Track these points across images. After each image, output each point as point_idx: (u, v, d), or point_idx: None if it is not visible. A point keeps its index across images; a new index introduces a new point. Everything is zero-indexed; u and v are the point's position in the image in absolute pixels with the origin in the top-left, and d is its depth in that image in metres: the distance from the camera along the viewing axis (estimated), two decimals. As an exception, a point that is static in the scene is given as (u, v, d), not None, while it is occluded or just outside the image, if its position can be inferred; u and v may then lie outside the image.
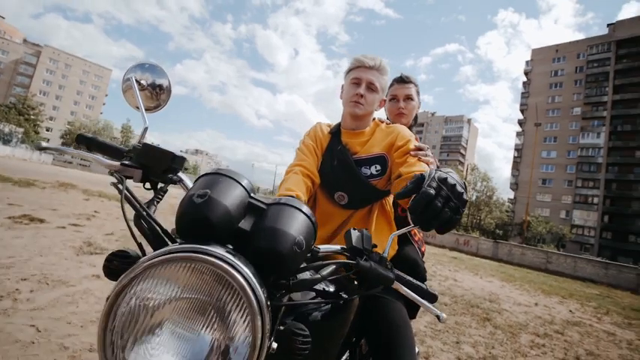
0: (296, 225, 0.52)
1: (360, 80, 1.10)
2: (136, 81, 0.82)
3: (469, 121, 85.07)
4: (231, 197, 0.52)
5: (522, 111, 56.20)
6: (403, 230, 0.65)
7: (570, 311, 5.95)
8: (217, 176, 0.55)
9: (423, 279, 1.26)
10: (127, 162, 0.69)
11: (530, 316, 4.94)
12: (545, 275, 12.26)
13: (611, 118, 46.20)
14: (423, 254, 1.44)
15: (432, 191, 0.58)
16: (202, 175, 0.57)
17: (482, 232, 35.04)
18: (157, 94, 0.86)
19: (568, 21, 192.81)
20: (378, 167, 1.10)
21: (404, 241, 1.35)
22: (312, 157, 1.16)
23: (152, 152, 0.69)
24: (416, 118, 1.68)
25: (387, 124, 1.22)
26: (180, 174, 0.72)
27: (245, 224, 0.52)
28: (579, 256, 17.09)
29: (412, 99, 1.62)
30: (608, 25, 49.89)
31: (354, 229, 0.66)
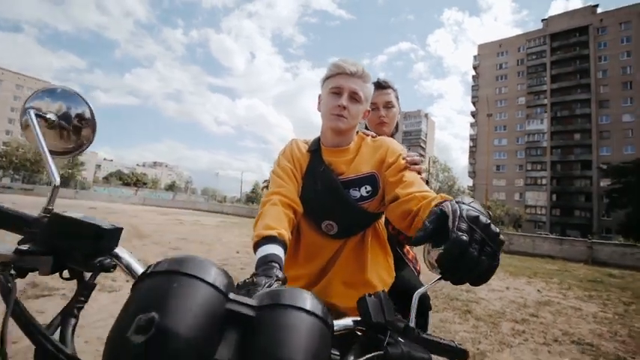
0: (306, 341, 0.32)
1: (341, 89, 0.94)
2: (38, 115, 0.56)
3: (426, 115, 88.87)
4: (196, 315, 0.30)
5: (474, 103, 59.75)
6: (429, 285, 0.55)
7: (538, 291, 6.26)
8: (169, 279, 0.32)
9: (428, 308, 1.13)
10: (25, 247, 0.43)
11: (505, 301, 5.10)
12: (509, 256, 12.98)
13: (551, 105, 50.62)
14: (419, 274, 1.31)
15: (465, 237, 0.47)
16: (143, 277, 0.34)
17: None
18: (73, 132, 0.60)
19: (507, 18, 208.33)
20: (369, 188, 0.96)
21: (398, 262, 1.20)
22: (292, 182, 0.98)
23: (67, 227, 0.45)
24: (397, 125, 1.54)
25: (372, 137, 1.07)
26: (118, 251, 0.48)
27: (224, 352, 0.30)
28: (537, 235, 18.36)
29: (393, 105, 1.49)
30: (542, 20, 54.65)
31: (369, 295, 0.49)
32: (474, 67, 60.99)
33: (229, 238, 9.94)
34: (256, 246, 0.73)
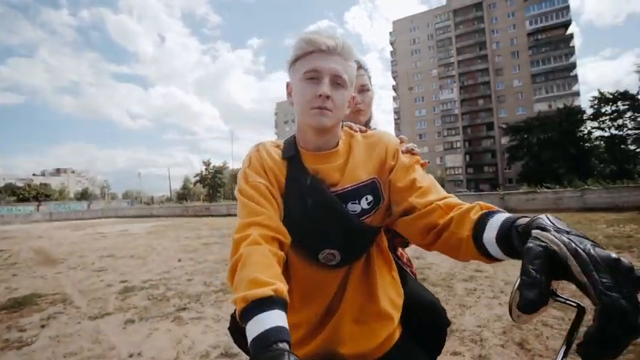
0: None
1: (319, 73, 0.71)
2: None
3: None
4: None
5: (394, 77, 63.49)
6: None
7: (474, 246, 6.95)
8: None
9: (446, 323, 0.95)
10: None
11: (451, 262, 5.48)
12: (441, 217, 14.37)
13: (459, 76, 56.55)
14: (415, 277, 1.14)
15: (624, 301, 0.33)
16: None
17: None
18: None
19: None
20: (370, 198, 0.76)
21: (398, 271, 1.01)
22: (271, 205, 0.71)
23: None
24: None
25: (361, 131, 0.84)
26: None
27: None
28: (457, 193, 20.60)
29: (368, 89, 1.25)
30: (445, -4, 59.39)
31: None
32: (391, 43, 64.31)
33: (166, 245, 8.99)
34: (245, 314, 0.50)
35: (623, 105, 33.71)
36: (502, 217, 0.55)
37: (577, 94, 47.82)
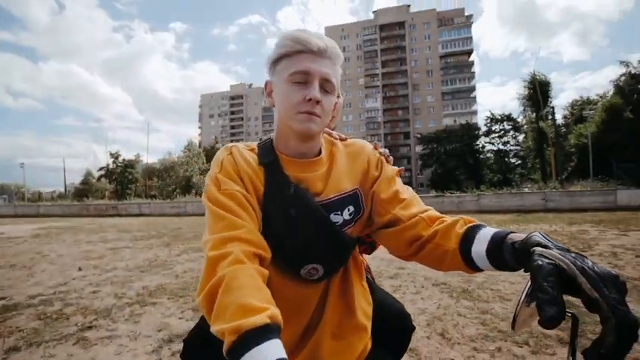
0: None
1: (309, 76, 0.67)
2: None
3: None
4: None
5: (324, 82, 65.84)
6: None
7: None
8: None
9: (412, 328, 0.97)
10: None
11: (377, 260, 5.82)
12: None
13: (382, 87, 61.42)
14: (373, 280, 1.14)
15: (632, 315, 0.37)
16: None
17: None
18: None
19: (344, 5, 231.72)
20: (352, 209, 0.75)
21: None
22: (250, 217, 0.65)
23: None
24: None
25: (340, 138, 0.83)
26: None
27: None
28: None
29: (339, 94, 1.19)
30: (373, 12, 63.78)
31: None
32: (322, 48, 66.46)
33: (61, 251, 7.59)
34: (238, 348, 0.44)
35: (508, 125, 40.97)
36: (490, 231, 0.59)
37: (475, 112, 56.24)
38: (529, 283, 0.45)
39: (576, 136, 31.49)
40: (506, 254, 0.53)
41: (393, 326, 0.90)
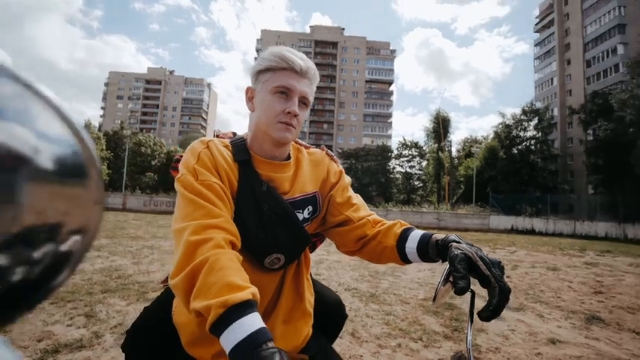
0: None
1: (291, 92, 0.77)
2: None
3: (209, 85, 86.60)
4: None
5: (254, 84, 64.50)
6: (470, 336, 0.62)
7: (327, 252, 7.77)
8: None
9: (346, 316, 1.09)
10: None
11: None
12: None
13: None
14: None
15: (508, 285, 0.59)
16: None
17: None
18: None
19: (282, 13, 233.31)
20: (311, 209, 0.86)
21: None
22: (226, 208, 0.70)
23: None
24: None
25: (305, 147, 0.95)
26: None
27: None
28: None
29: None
30: (310, 26, 65.64)
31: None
32: (257, 50, 65.09)
33: None
34: (224, 319, 0.49)
35: (415, 151, 46.47)
36: (419, 232, 0.78)
37: (390, 136, 62.26)
38: (446, 269, 0.63)
39: (465, 168, 37.72)
40: (431, 249, 0.72)
41: (330, 314, 1.02)
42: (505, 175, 32.50)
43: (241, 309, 0.50)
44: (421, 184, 46.82)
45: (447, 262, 0.64)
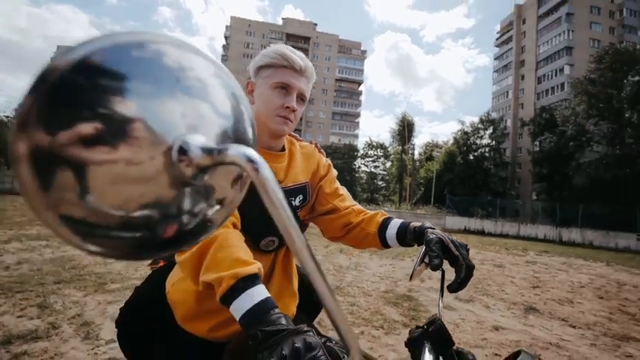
0: None
1: (290, 88, 0.82)
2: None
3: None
4: None
5: (222, 73, 62.08)
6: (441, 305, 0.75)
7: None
8: None
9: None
10: None
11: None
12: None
13: (281, 93, 62.67)
14: None
15: (472, 263, 0.71)
16: None
17: None
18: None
19: (253, 2, 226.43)
20: (301, 197, 0.93)
21: None
22: None
23: None
24: None
25: (297, 139, 1.02)
26: None
27: None
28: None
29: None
30: (282, 18, 64.60)
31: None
32: (225, 37, 62.94)
33: None
34: (235, 289, 0.55)
35: (380, 152, 47.83)
36: (398, 221, 0.89)
37: (357, 136, 63.32)
38: (422, 251, 0.75)
39: (426, 170, 39.61)
40: (409, 235, 0.84)
41: (312, 296, 1.10)
42: (461, 179, 34.59)
43: (250, 281, 0.56)
44: (384, 184, 48.39)
45: (423, 246, 0.76)
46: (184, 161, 0.24)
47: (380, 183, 48.82)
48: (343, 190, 1.00)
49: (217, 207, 0.30)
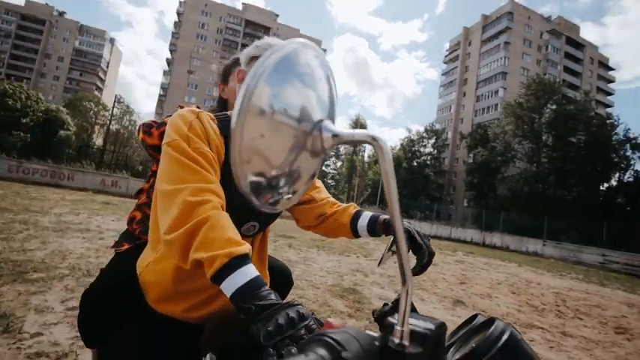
0: None
1: None
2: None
3: (112, 40, 74.59)
4: None
5: (172, 51, 57.70)
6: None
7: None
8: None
9: (292, 284, 1.22)
10: None
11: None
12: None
13: (235, 81, 59.98)
14: None
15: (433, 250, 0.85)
16: None
17: (129, 170, 33.09)
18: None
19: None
20: None
21: None
22: (217, 176, 0.75)
23: None
24: None
25: None
26: None
27: None
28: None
29: None
30: (243, 3, 61.97)
31: None
32: (178, 14, 58.61)
33: None
34: (227, 268, 0.57)
35: (332, 151, 48.88)
36: (369, 213, 0.97)
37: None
38: (391, 240, 0.83)
39: (374, 172, 41.42)
40: (378, 226, 0.93)
41: (279, 279, 1.14)
42: (405, 183, 36.89)
43: (242, 260, 0.58)
44: (334, 183, 49.46)
45: (391, 235, 0.84)
46: (324, 139, 0.40)
47: (330, 182, 49.77)
48: (319, 183, 1.07)
49: (311, 180, 0.49)
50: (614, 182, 28.51)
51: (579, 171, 26.61)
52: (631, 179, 27.46)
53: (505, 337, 0.43)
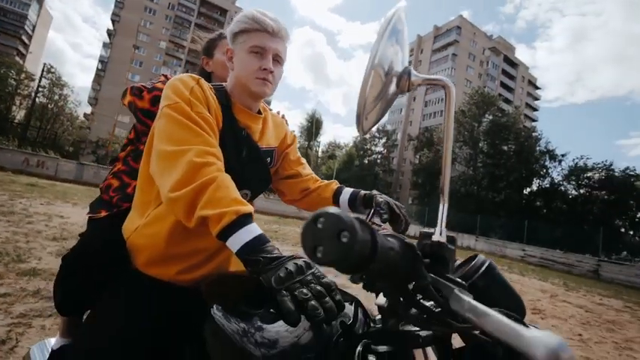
0: None
1: (264, 51, 0.84)
2: None
3: (40, 1, 65.16)
4: None
5: (114, 21, 52.19)
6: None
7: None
8: None
9: None
10: None
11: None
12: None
13: (186, 62, 55.82)
14: None
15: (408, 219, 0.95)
16: None
17: (57, 150, 29.08)
18: None
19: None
20: (269, 160, 1.00)
21: None
22: (216, 140, 0.77)
23: None
24: None
25: (269, 109, 1.08)
26: None
27: None
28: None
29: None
30: (199, -20, 57.98)
31: None
32: (125, -18, 53.02)
33: None
34: (235, 225, 0.59)
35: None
36: (350, 189, 1.05)
37: (265, 124, 62.56)
38: (371, 211, 0.90)
39: (327, 168, 42.09)
40: (359, 200, 1.00)
41: None
42: (356, 180, 38.16)
43: (248, 218, 0.61)
44: (287, 176, 49.36)
45: (372, 207, 0.92)
46: (412, 81, 0.57)
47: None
48: (303, 159, 1.12)
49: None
50: (534, 187, 32.54)
51: (508, 176, 30.01)
52: (547, 185, 31.58)
53: (484, 267, 0.52)
